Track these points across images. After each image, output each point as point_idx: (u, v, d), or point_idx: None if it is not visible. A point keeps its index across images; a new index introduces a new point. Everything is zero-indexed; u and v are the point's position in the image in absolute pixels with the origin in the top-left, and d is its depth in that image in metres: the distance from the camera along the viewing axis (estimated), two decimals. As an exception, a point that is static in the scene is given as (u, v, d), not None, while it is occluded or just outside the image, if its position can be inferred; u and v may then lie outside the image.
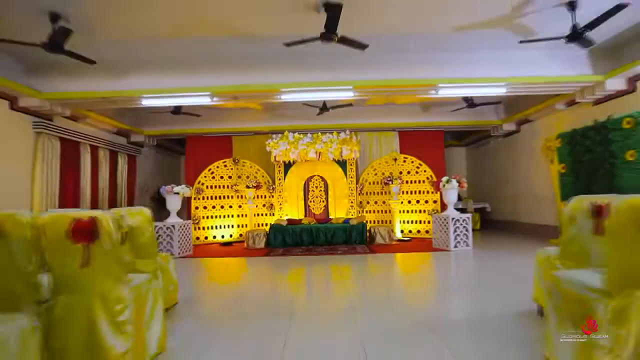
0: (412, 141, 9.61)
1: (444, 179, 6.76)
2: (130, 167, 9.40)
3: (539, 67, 6.07)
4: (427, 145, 9.59)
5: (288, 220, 8.21)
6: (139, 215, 2.99)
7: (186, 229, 6.93)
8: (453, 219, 6.60)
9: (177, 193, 6.81)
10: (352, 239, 7.60)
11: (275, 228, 7.77)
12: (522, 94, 6.88)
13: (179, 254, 6.61)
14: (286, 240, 7.66)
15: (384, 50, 5.82)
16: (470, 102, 7.81)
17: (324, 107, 7.84)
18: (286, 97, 6.35)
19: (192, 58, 5.90)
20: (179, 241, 6.66)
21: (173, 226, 6.62)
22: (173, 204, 6.87)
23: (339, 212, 8.77)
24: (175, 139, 10.61)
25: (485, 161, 11.50)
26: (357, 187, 8.93)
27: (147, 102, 6.36)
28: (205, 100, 6.40)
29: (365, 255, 6.50)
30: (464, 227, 6.67)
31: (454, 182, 6.68)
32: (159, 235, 6.64)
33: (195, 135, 9.68)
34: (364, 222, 7.97)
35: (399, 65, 6.05)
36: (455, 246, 6.56)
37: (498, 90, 6.42)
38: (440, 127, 9.80)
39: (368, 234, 7.84)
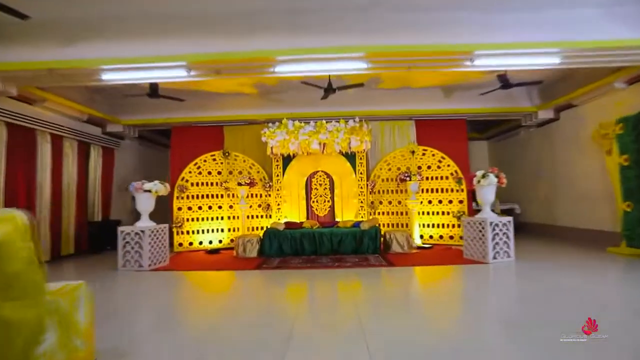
0: (431, 131, 8.26)
1: (479, 173, 5.42)
2: (106, 161, 8.18)
3: (602, 30, 4.70)
4: (448, 136, 8.24)
5: (286, 223, 6.92)
6: (5, 223, 1.72)
7: (160, 234, 5.65)
8: (492, 223, 5.26)
9: (149, 191, 5.54)
10: (364, 246, 6.29)
11: (271, 233, 6.48)
12: (579, 67, 5.49)
13: (149, 266, 5.34)
14: (283, 248, 6.37)
15: (405, 6, 4.54)
16: (505, 81, 6.45)
17: (329, 88, 6.54)
18: (282, 70, 5.04)
19: (161, 17, 4.63)
20: (150, 250, 5.38)
21: (142, 232, 5.35)
22: (143, 203, 5.59)
23: (347, 214, 7.46)
24: (160, 130, 9.35)
25: (512, 156, 10.11)
26: (367, 185, 7.61)
27: (107, 77, 5.09)
28: (180, 74, 5.12)
29: (380, 268, 5.19)
30: (505, 233, 5.33)
31: (492, 178, 5.34)
32: (126, 243, 5.38)
33: (182, 124, 8.43)
34: (378, 226, 6.65)
35: (425, 26, 4.72)
36: (494, 257, 5.22)
37: (549, 61, 5.06)
38: (464, 115, 8.46)
39: (382, 240, 6.53)
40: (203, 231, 7.48)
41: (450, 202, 7.34)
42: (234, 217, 7.65)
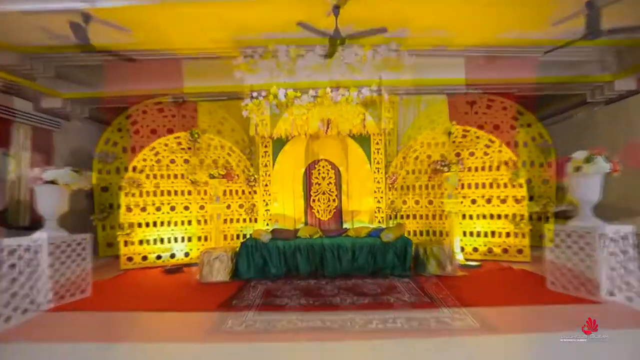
0: (468, 108, 6.29)
1: (579, 155, 3.39)
2: (39, 147, 6.17)
3: None
4: (490, 115, 6.27)
5: (274, 231, 4.90)
6: None
7: (75, 251, 3.64)
8: (603, 236, 3.23)
9: (53, 182, 3.55)
10: (387, 266, 4.27)
11: (250, 246, 4.46)
12: None
13: (49, 302, 3.34)
14: (268, 267, 4.35)
15: None
16: (595, 21, 4.38)
17: (335, 36, 4.52)
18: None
19: None
20: (52, 277, 3.38)
21: (40, 246, 3.34)
22: (47, 202, 3.60)
23: (360, 218, 5.44)
24: (118, 108, 7.30)
25: (565, 144, 7.99)
26: (387, 179, 5.60)
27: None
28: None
29: (420, 313, 3.14)
30: (625, 252, 3.29)
31: (602, 163, 3.31)
32: (12, 266, 3.37)
33: (142, 99, 6.43)
34: (405, 235, 4.63)
35: None
36: (611, 293, 3.18)
37: None
38: (512, 87, 6.43)
39: (413, 255, 4.51)
40: (162, 240, 5.47)
41: (504, 201, 5.31)
42: (205, 221, 5.65)
